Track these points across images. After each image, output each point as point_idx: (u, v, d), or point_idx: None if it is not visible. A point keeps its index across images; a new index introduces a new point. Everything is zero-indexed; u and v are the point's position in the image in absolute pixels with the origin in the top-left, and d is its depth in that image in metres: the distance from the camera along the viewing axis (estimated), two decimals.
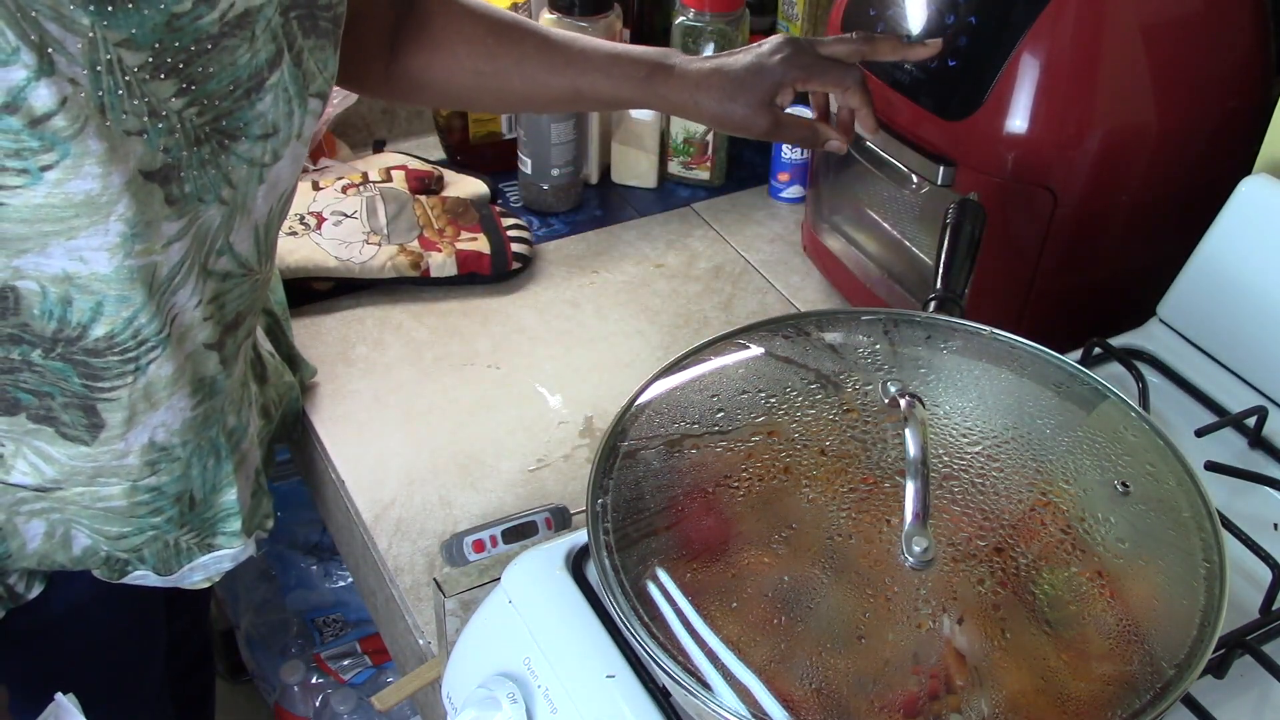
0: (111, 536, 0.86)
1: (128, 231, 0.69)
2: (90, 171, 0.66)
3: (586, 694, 0.67)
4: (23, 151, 0.63)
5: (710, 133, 1.35)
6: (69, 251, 0.69)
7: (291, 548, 1.70)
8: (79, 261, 0.69)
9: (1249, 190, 0.90)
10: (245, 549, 0.94)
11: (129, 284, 0.72)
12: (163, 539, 0.88)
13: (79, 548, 0.87)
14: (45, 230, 0.67)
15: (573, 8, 1.29)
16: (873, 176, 1.12)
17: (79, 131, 0.64)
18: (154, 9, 0.65)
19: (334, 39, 0.80)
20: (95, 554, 0.88)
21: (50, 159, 0.64)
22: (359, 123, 1.46)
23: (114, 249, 0.70)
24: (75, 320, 0.72)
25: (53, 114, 0.63)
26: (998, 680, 0.58)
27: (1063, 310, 1.02)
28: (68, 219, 0.67)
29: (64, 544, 0.86)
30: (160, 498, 0.86)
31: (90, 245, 0.69)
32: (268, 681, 1.64)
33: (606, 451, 0.70)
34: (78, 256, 0.69)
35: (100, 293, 0.71)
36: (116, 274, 0.71)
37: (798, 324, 0.78)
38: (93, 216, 0.68)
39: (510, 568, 0.75)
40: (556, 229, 1.32)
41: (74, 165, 0.65)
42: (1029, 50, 0.91)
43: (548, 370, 1.12)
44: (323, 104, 0.81)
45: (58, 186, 0.65)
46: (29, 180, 0.64)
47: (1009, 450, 0.69)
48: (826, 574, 0.62)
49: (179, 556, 0.90)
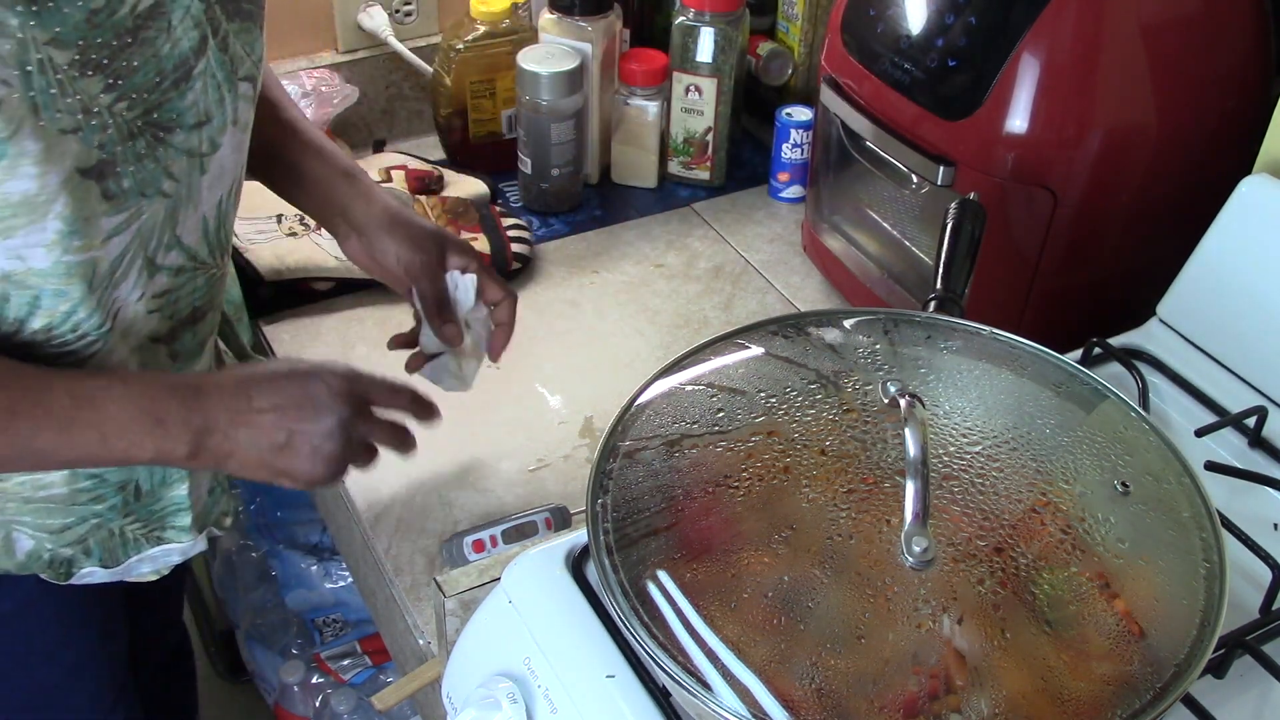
0: (54, 530, 0.86)
1: (65, 229, 0.70)
2: (27, 172, 0.66)
3: (586, 694, 0.67)
4: None
5: (710, 133, 1.35)
6: (7, 251, 0.69)
7: (291, 548, 1.70)
8: (16, 259, 0.70)
9: (1249, 190, 0.90)
10: (195, 544, 0.93)
11: (66, 279, 0.72)
12: (107, 528, 0.88)
13: (22, 552, 0.86)
14: None
15: (573, 8, 1.29)
16: (873, 176, 1.12)
17: (14, 133, 0.65)
18: (73, 6, 0.65)
19: (258, 20, 0.81)
20: (39, 558, 0.87)
21: None
22: (359, 123, 1.46)
23: (51, 245, 0.70)
24: (11, 315, 0.73)
25: None
26: (998, 680, 0.58)
27: (1063, 310, 1.02)
28: (5, 219, 0.68)
29: (6, 548, 0.86)
30: (102, 485, 0.86)
31: (28, 243, 0.70)
32: (268, 681, 1.64)
33: (606, 451, 0.70)
34: (15, 255, 0.70)
35: (37, 287, 0.72)
36: (54, 269, 0.72)
37: (798, 324, 0.78)
38: (30, 215, 0.68)
39: (510, 568, 0.75)
40: (556, 229, 1.32)
41: (10, 166, 0.66)
42: (1029, 50, 0.91)
43: (548, 370, 1.12)
44: (253, 87, 0.81)
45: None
46: None
47: (1009, 450, 0.69)
48: (826, 574, 0.62)
49: (125, 547, 0.90)
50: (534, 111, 1.27)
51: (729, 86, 1.31)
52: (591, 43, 1.29)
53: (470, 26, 1.33)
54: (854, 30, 1.05)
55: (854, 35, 1.05)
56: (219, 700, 1.82)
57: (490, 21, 1.33)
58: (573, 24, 1.29)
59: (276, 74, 1.37)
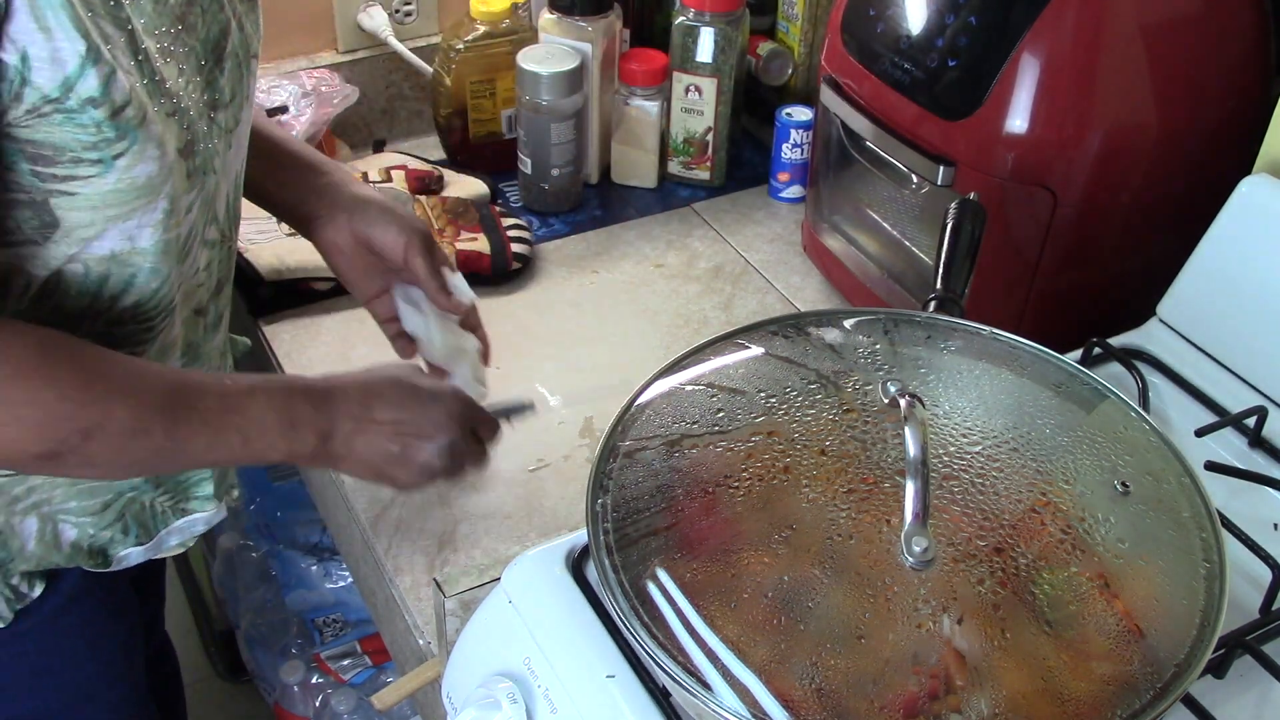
0: (95, 512, 0.88)
1: (169, 208, 0.75)
2: (151, 155, 0.71)
3: (586, 694, 0.67)
4: (100, 143, 0.68)
5: (710, 133, 1.35)
6: (121, 232, 0.74)
7: (291, 548, 1.70)
8: (127, 240, 0.74)
9: (1249, 190, 0.90)
10: (218, 512, 0.96)
11: (164, 257, 0.77)
12: (140, 501, 0.90)
13: (67, 543, 0.88)
14: (109, 215, 0.72)
15: (573, 8, 1.29)
16: (873, 176, 1.12)
17: (143, 120, 0.70)
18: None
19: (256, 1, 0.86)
20: (81, 547, 0.89)
21: (122, 147, 0.69)
22: (359, 123, 1.46)
23: (157, 225, 0.75)
24: (108, 294, 0.76)
25: (127, 104, 0.68)
26: (998, 680, 0.58)
27: (1063, 310, 1.02)
28: (129, 201, 0.72)
29: (54, 540, 0.87)
30: None
31: (141, 224, 0.74)
32: (268, 681, 1.64)
33: (606, 451, 0.70)
34: (127, 236, 0.74)
35: (137, 266, 0.76)
36: (154, 248, 0.76)
37: (798, 324, 0.78)
38: (149, 197, 0.73)
39: (510, 568, 0.75)
40: (556, 229, 1.32)
41: (140, 150, 0.70)
42: (1029, 50, 0.91)
43: (548, 370, 1.12)
44: (257, 64, 0.86)
45: (126, 172, 0.70)
46: (102, 169, 0.69)
47: (1009, 450, 0.69)
48: (826, 574, 0.62)
49: (156, 520, 0.92)
50: (534, 111, 1.27)
51: (729, 86, 1.31)
52: (591, 43, 1.29)
53: (470, 26, 1.33)
54: (854, 30, 1.05)
55: (854, 35, 1.05)
56: (219, 700, 1.82)
57: (490, 21, 1.33)
58: (573, 24, 1.29)
59: (277, 74, 1.38)
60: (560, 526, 0.95)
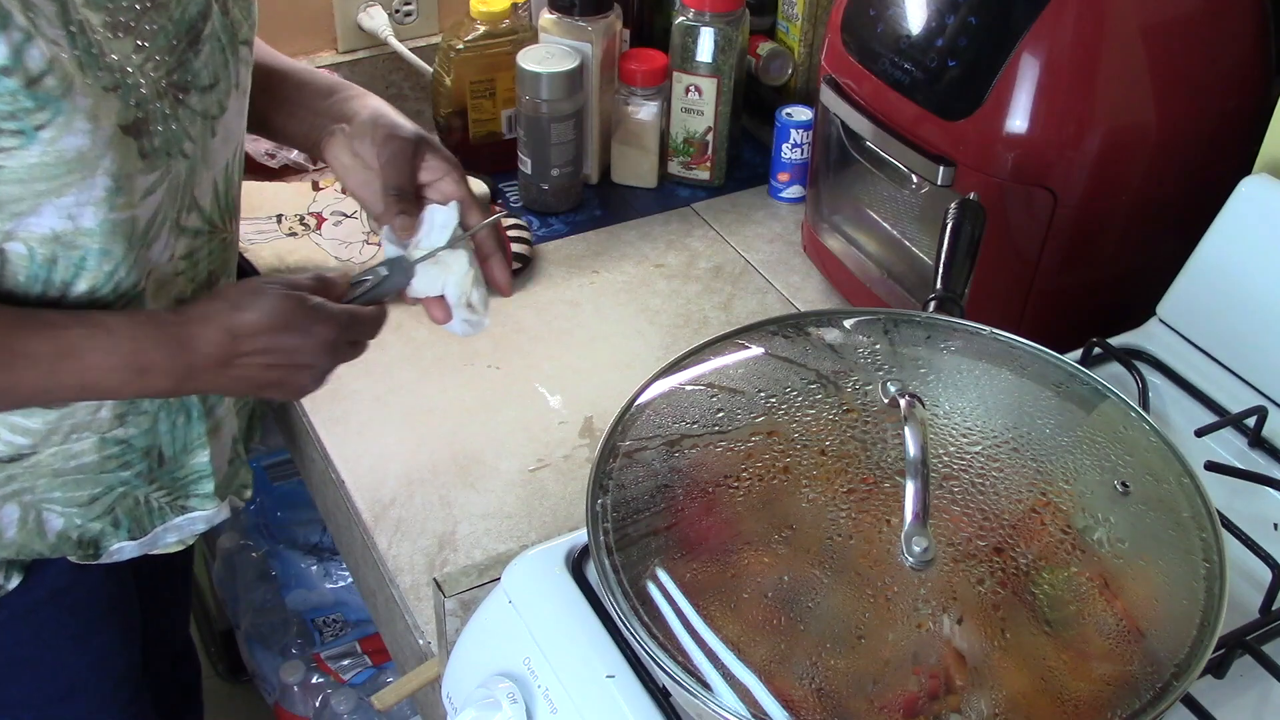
0: (83, 503, 0.88)
1: (112, 185, 0.73)
2: (80, 127, 0.70)
3: (586, 694, 0.67)
4: (18, 112, 0.67)
5: (710, 133, 1.35)
6: (59, 210, 0.72)
7: (291, 548, 1.70)
8: (67, 219, 0.73)
9: (1249, 190, 0.90)
10: (219, 512, 0.95)
11: (111, 238, 0.75)
12: (133, 496, 0.90)
13: (52, 532, 0.88)
14: (39, 190, 0.71)
15: (573, 8, 1.29)
16: (873, 176, 1.12)
17: (67, 90, 0.68)
18: None
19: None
20: (68, 537, 0.89)
21: (44, 118, 0.68)
22: None
23: (99, 203, 0.73)
24: (59, 279, 0.76)
25: (45, 74, 0.67)
26: (998, 680, 0.58)
27: (1063, 310, 1.02)
28: (60, 176, 0.71)
29: (38, 530, 0.87)
30: (129, 451, 0.88)
31: (79, 201, 0.73)
32: (268, 681, 1.64)
33: (606, 451, 0.70)
34: (66, 214, 0.73)
35: (84, 247, 0.75)
36: (100, 228, 0.75)
37: (798, 324, 0.78)
38: (82, 172, 0.71)
39: (510, 568, 0.75)
40: (556, 229, 1.32)
41: (65, 122, 0.69)
42: (1029, 50, 0.91)
43: (548, 370, 1.12)
44: (251, 52, 0.85)
45: (51, 144, 0.69)
46: (24, 141, 0.68)
47: (1009, 450, 0.69)
48: (826, 574, 0.62)
49: (151, 516, 0.92)
50: (534, 111, 1.27)
51: (729, 86, 1.31)
52: (591, 43, 1.29)
53: (470, 26, 1.33)
54: (854, 30, 1.05)
55: (854, 35, 1.05)
56: (219, 700, 1.82)
57: (490, 21, 1.33)
58: (573, 24, 1.29)
59: None
60: (560, 526, 0.95)
